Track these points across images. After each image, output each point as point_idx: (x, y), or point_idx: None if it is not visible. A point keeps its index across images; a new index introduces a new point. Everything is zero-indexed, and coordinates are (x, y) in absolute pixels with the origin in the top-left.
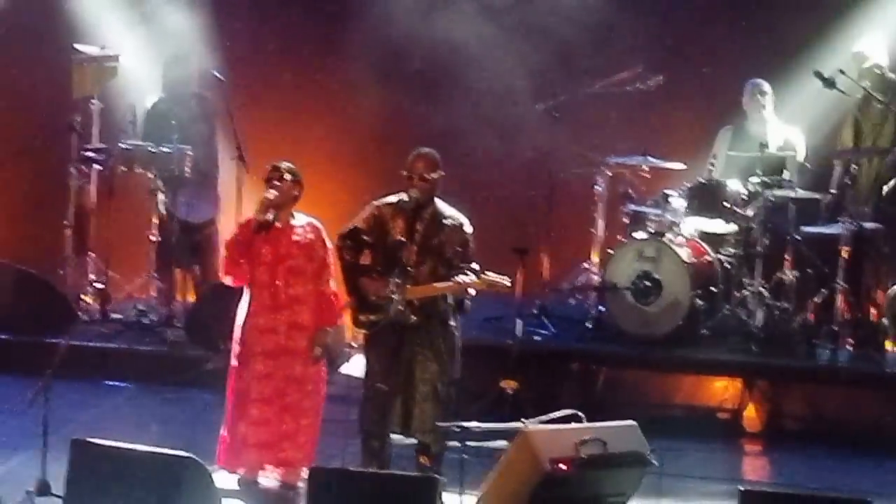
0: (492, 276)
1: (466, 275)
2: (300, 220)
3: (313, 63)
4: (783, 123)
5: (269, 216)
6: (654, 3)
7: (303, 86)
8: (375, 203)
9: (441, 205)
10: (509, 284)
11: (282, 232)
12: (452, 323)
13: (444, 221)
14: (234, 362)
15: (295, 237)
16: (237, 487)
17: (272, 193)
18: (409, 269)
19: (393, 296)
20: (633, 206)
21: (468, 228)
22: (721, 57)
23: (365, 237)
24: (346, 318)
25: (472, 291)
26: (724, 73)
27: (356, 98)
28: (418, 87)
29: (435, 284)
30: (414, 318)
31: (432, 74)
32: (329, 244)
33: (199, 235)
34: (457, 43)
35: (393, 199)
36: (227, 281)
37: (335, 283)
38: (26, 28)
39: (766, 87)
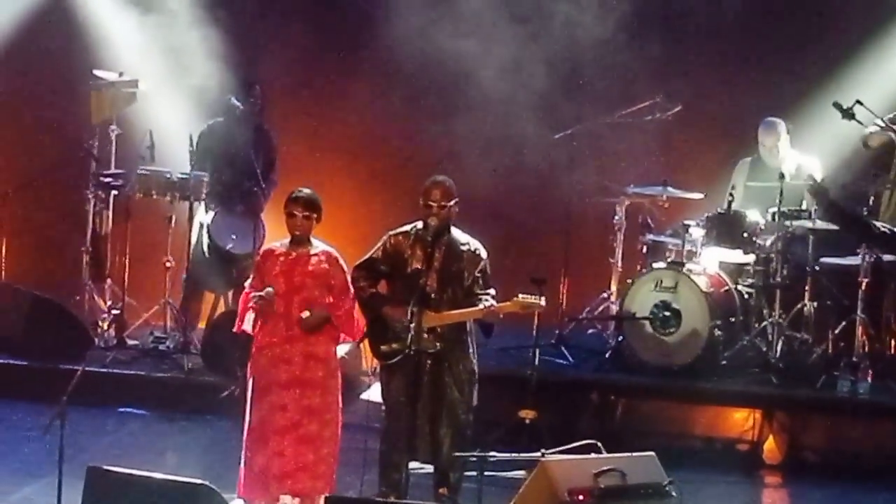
0: (525, 297)
1: (488, 300)
2: (317, 248)
3: (331, 88)
4: (800, 153)
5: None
6: (672, 33)
7: (320, 110)
8: (390, 233)
9: (456, 232)
10: (544, 304)
11: (296, 262)
12: (472, 350)
13: (462, 248)
14: (249, 392)
15: (310, 267)
16: None
17: (266, 297)
18: (431, 296)
19: (411, 324)
20: (651, 236)
21: (484, 254)
22: (740, 86)
23: (382, 267)
24: (365, 347)
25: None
26: (743, 103)
27: (375, 124)
28: (436, 114)
29: (463, 310)
30: (438, 345)
31: (449, 101)
32: (347, 270)
33: (239, 266)
34: (475, 71)
35: (407, 228)
36: (239, 330)
37: (354, 303)
38: (45, 53)
39: (781, 126)
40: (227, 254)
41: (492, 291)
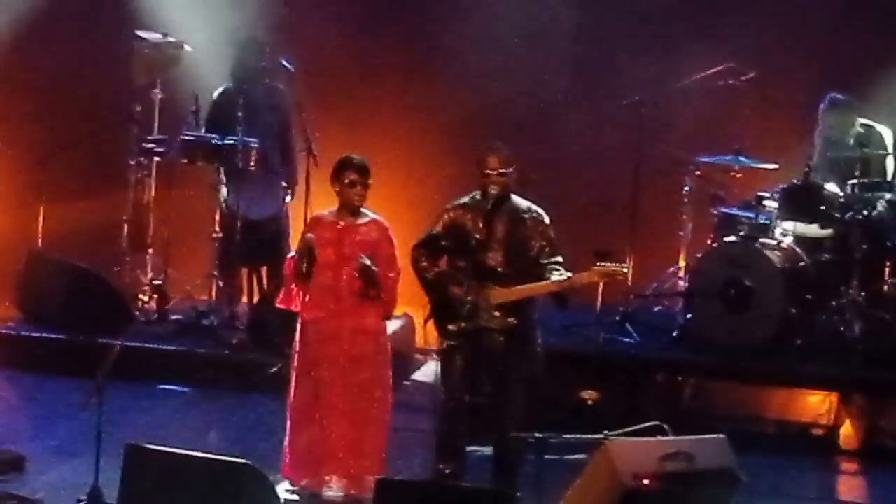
0: (606, 265)
1: (562, 272)
2: (366, 216)
3: (384, 53)
4: (872, 123)
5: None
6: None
7: (373, 76)
8: (448, 206)
9: (517, 199)
10: (626, 271)
11: (345, 232)
12: (537, 327)
13: (524, 216)
14: (295, 369)
15: (358, 237)
16: (300, 499)
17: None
18: (497, 269)
19: (479, 300)
20: (723, 209)
21: (548, 219)
22: (816, 50)
23: (443, 243)
24: (420, 324)
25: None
26: (820, 69)
27: (429, 88)
28: (491, 78)
29: (537, 284)
30: (510, 320)
31: (501, 70)
32: (394, 242)
33: (264, 233)
34: (537, 33)
35: (466, 199)
36: (283, 306)
37: (398, 277)
38: (86, 15)
39: (849, 106)
40: (246, 221)
41: (559, 259)
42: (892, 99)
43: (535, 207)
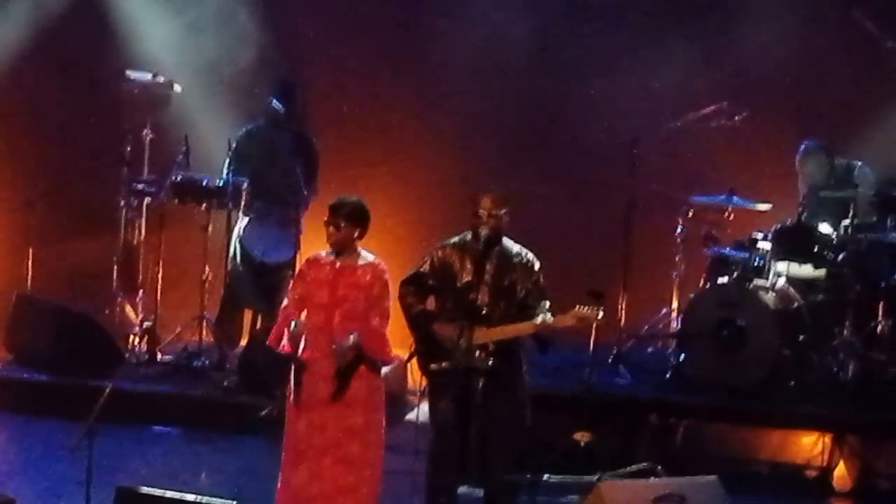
0: (581, 309)
1: (545, 314)
2: (364, 259)
3: (378, 96)
4: (849, 162)
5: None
6: (737, 34)
7: (366, 118)
8: (439, 246)
9: (508, 242)
10: (602, 317)
11: (340, 273)
12: (524, 367)
13: (514, 260)
14: (289, 411)
15: (353, 279)
16: None
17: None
18: (482, 311)
19: (461, 340)
20: (716, 249)
21: (538, 265)
22: (810, 93)
23: (430, 282)
24: (412, 366)
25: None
26: (813, 109)
27: (427, 133)
28: (486, 122)
29: (516, 325)
30: (490, 362)
31: (499, 107)
32: (389, 285)
33: (275, 278)
34: (537, 72)
35: (456, 239)
36: (272, 345)
37: (384, 322)
38: (75, 56)
39: (816, 147)
40: (259, 265)
41: (547, 304)
42: (882, 139)
43: (525, 252)
